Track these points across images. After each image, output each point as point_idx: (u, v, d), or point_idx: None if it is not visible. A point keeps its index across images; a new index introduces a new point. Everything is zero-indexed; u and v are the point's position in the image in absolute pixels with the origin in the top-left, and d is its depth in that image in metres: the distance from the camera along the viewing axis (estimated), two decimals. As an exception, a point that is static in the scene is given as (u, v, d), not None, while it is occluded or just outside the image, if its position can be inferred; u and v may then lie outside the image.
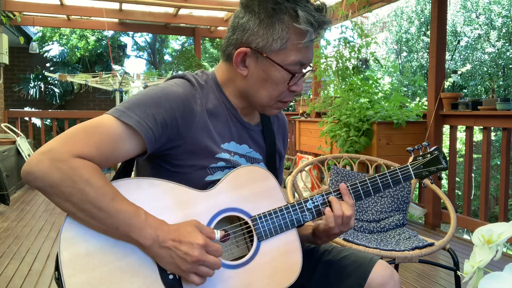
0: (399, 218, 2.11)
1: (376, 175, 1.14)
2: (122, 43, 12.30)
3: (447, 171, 3.80)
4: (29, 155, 5.41)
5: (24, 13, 6.43)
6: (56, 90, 9.83)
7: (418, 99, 11.41)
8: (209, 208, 0.99)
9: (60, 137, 0.89)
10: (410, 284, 2.49)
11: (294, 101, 6.90)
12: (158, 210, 0.94)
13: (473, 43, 13.59)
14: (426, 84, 4.31)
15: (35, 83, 9.68)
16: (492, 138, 8.96)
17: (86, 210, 0.86)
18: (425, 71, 13.46)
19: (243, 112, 1.13)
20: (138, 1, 5.70)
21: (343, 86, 4.22)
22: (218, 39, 12.88)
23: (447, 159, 1.22)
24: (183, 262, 0.88)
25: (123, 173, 1.08)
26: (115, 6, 6.27)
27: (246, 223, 1.03)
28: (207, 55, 16.21)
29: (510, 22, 13.08)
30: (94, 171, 0.88)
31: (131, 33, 15.65)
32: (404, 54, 15.00)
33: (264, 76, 1.03)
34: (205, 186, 1.03)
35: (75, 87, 9.81)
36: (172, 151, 1.01)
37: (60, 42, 10.16)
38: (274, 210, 1.04)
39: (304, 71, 1.06)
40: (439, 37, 3.55)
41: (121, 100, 7.40)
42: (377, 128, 3.55)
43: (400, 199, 2.16)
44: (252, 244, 1.02)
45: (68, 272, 0.87)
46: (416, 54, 14.59)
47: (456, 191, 4.96)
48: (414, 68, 14.11)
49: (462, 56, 13.77)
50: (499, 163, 9.45)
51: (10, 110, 6.59)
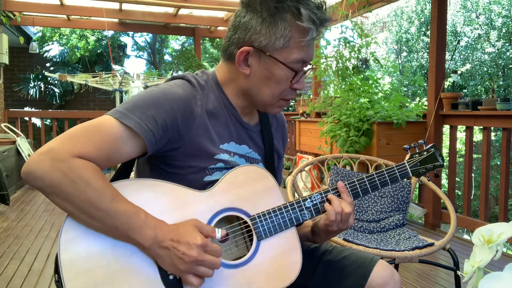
0: (399, 218, 2.11)
1: (373, 172, 1.15)
2: (122, 43, 12.30)
3: (447, 170, 3.80)
4: (29, 155, 5.41)
5: (24, 13, 6.43)
6: (56, 90, 9.83)
7: (418, 99, 11.41)
8: (208, 208, 0.99)
9: (60, 137, 0.90)
10: (410, 284, 2.49)
11: (294, 101, 6.90)
12: (158, 211, 0.94)
13: (473, 43, 13.59)
14: (426, 84, 4.31)
15: (35, 83, 9.68)
16: (492, 138, 8.96)
17: (86, 210, 0.86)
18: (425, 71, 13.46)
19: (243, 112, 1.13)
20: (138, 1, 5.70)
21: (343, 86, 4.22)
22: (218, 39, 12.88)
23: (443, 156, 1.23)
24: (181, 262, 0.88)
25: (122, 173, 1.08)
26: (115, 6, 6.27)
27: (245, 222, 1.03)
28: (207, 55, 16.21)
29: (510, 22, 13.08)
30: (94, 171, 0.88)
31: (131, 33, 15.65)
32: (404, 54, 15.00)
33: (267, 75, 1.04)
34: (203, 186, 1.03)
35: (75, 87, 9.81)
36: (172, 153, 1.01)
37: (60, 42, 10.17)
38: (273, 209, 1.04)
39: (305, 68, 1.06)
40: (439, 37, 3.55)
41: (121, 100, 7.41)
42: (377, 128, 3.55)
43: (400, 199, 2.16)
44: (251, 244, 1.02)
45: (68, 274, 0.86)
46: (416, 54, 14.59)
47: (456, 191, 4.96)
48: (414, 68, 14.11)
49: (462, 56, 13.77)
50: (499, 163, 9.45)
51: (10, 110, 6.59)
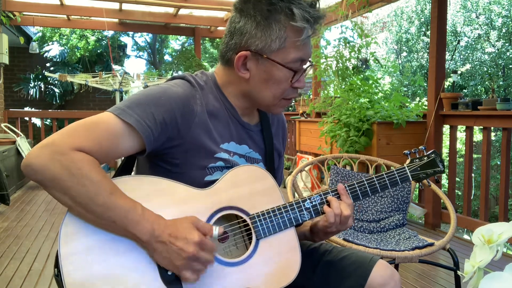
0: (399, 218, 2.11)
1: (373, 175, 1.16)
2: (122, 43, 12.30)
3: (447, 171, 3.80)
4: (29, 155, 5.40)
5: (24, 13, 6.43)
6: (56, 90, 9.83)
7: (418, 99, 11.41)
8: (207, 206, 1.00)
9: (61, 132, 0.91)
10: (410, 284, 2.49)
11: (294, 101, 6.90)
12: (157, 207, 0.94)
13: (473, 43, 13.59)
14: (426, 84, 4.31)
15: (35, 83, 9.68)
16: (492, 138, 8.96)
17: (84, 203, 0.87)
18: (425, 71, 13.46)
19: (243, 112, 1.13)
20: (138, 1, 5.70)
21: (343, 86, 4.22)
22: (218, 39, 12.88)
23: (444, 162, 1.23)
24: (177, 258, 0.88)
25: (123, 172, 1.09)
26: (115, 6, 6.27)
27: (244, 221, 1.03)
28: (207, 55, 16.21)
29: (510, 22, 13.08)
30: (94, 165, 0.88)
31: (131, 33, 15.65)
32: (404, 54, 15.00)
33: (266, 77, 1.04)
34: (204, 186, 1.03)
35: (75, 87, 9.81)
36: (171, 150, 1.02)
37: (60, 42, 10.17)
38: (273, 209, 1.05)
39: (304, 66, 1.07)
40: (439, 37, 3.55)
41: (121, 100, 7.40)
42: (377, 128, 3.55)
43: (400, 199, 2.16)
44: (250, 243, 1.02)
45: (68, 268, 0.87)
46: (416, 54, 14.59)
47: (456, 191, 4.96)
48: (414, 68, 14.11)
49: (462, 56, 13.77)
50: (499, 163, 9.45)
51: (10, 110, 6.60)
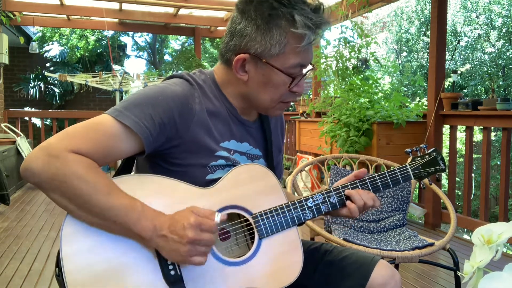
0: (399, 218, 2.11)
1: (375, 174, 1.15)
2: (122, 43, 12.30)
3: (447, 171, 3.80)
4: (29, 155, 5.40)
5: (24, 13, 6.43)
6: (56, 90, 9.83)
7: (418, 99, 11.40)
8: (210, 205, 1.00)
9: (58, 134, 0.91)
10: (410, 284, 2.49)
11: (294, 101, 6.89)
12: (159, 207, 0.94)
13: (473, 43, 13.59)
14: (426, 84, 4.31)
15: (35, 83, 9.68)
16: (492, 138, 8.96)
17: (82, 205, 0.87)
18: (425, 71, 13.46)
19: (242, 111, 1.13)
20: (138, 1, 5.70)
21: (343, 86, 4.22)
22: (218, 39, 12.88)
23: (445, 161, 1.23)
24: (180, 246, 0.88)
25: (123, 171, 1.09)
26: (115, 6, 6.27)
27: (247, 220, 1.03)
28: (207, 55, 16.21)
29: (510, 22, 13.07)
30: (90, 166, 0.88)
31: (131, 33, 15.65)
32: (404, 54, 15.00)
33: (264, 81, 1.04)
34: (206, 184, 1.03)
35: (75, 87, 9.81)
36: (171, 150, 1.01)
37: (60, 42, 10.16)
38: (275, 208, 1.05)
39: (304, 71, 1.06)
40: (439, 37, 3.55)
41: (121, 100, 7.40)
42: (377, 128, 3.55)
43: (400, 199, 2.16)
44: (252, 242, 1.02)
45: (69, 268, 0.87)
46: (416, 54, 14.59)
47: (456, 191, 4.96)
48: (414, 68, 14.11)
49: (462, 56, 13.77)
50: (499, 163, 9.45)
51: (10, 110, 6.59)
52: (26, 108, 9.50)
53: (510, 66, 12.79)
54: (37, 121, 8.56)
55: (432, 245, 1.78)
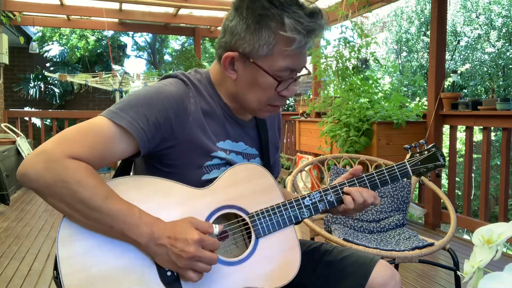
0: (399, 218, 2.11)
1: (373, 171, 1.15)
2: (122, 43, 12.31)
3: (447, 170, 3.80)
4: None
5: (24, 13, 6.42)
6: (56, 90, 9.83)
7: (418, 99, 11.41)
8: (206, 205, 1.00)
9: (54, 138, 0.91)
10: (410, 284, 2.49)
11: (294, 101, 6.90)
12: (156, 208, 0.94)
13: (473, 43, 13.59)
14: (426, 84, 4.31)
15: (35, 83, 9.68)
16: (492, 138, 8.96)
17: (80, 210, 0.87)
18: (425, 71, 13.46)
19: (237, 111, 1.13)
20: (138, 1, 5.70)
21: (343, 86, 4.22)
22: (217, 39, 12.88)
23: (445, 156, 1.22)
24: (179, 259, 0.88)
25: (122, 173, 1.09)
26: (115, 6, 6.27)
27: (244, 220, 1.03)
28: (207, 55, 16.21)
29: (510, 22, 13.07)
30: (87, 172, 0.88)
31: (131, 33, 15.65)
32: (404, 54, 15.00)
33: (252, 81, 1.03)
34: (202, 185, 1.03)
35: (75, 87, 9.81)
36: (167, 151, 1.01)
37: (60, 42, 10.17)
38: (272, 207, 1.05)
39: (298, 74, 1.05)
40: (439, 37, 3.55)
41: (121, 100, 7.38)
42: (377, 128, 3.55)
43: (400, 199, 2.16)
44: (250, 242, 1.02)
45: (66, 270, 0.87)
46: (416, 54, 14.59)
47: (456, 191, 4.96)
48: (414, 68, 14.11)
49: (462, 56, 13.76)
50: (499, 163, 9.45)
51: (10, 110, 6.59)
52: (26, 108, 9.51)
53: (510, 66, 12.79)
54: (37, 121, 8.57)
55: (432, 245, 1.78)
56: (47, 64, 9.94)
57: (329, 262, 1.17)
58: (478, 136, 8.68)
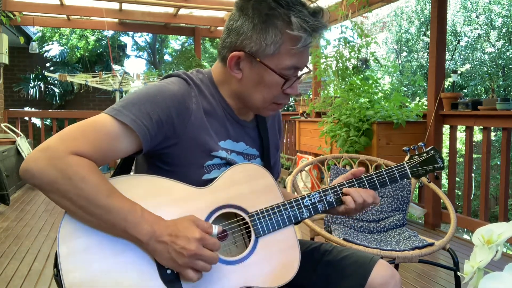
0: (399, 218, 2.11)
1: (372, 173, 1.15)
2: (122, 43, 12.31)
3: (447, 170, 3.80)
4: (29, 155, 5.40)
5: (24, 13, 6.43)
6: (56, 90, 9.83)
7: (418, 99, 11.40)
8: (206, 204, 1.00)
9: (58, 135, 0.91)
10: (410, 284, 2.49)
11: (294, 101, 6.90)
12: (156, 207, 0.95)
13: (473, 43, 13.59)
14: (426, 84, 4.31)
15: (35, 83, 9.68)
16: (492, 138, 8.96)
17: (83, 207, 0.87)
18: (425, 71, 13.46)
19: (238, 111, 1.13)
20: (138, 1, 5.70)
21: (343, 86, 4.22)
22: (218, 39, 12.89)
23: (443, 158, 1.23)
24: (180, 257, 0.88)
25: (121, 171, 1.09)
26: (115, 6, 6.27)
27: (244, 219, 1.03)
28: (207, 55, 16.21)
29: (510, 22, 13.08)
30: (90, 168, 0.89)
31: (131, 33, 15.65)
32: (404, 54, 15.00)
33: (258, 80, 1.04)
34: (202, 184, 1.03)
35: (75, 87, 9.81)
36: (168, 150, 1.02)
37: (60, 42, 10.17)
38: (272, 207, 1.05)
39: (300, 73, 1.06)
40: (439, 37, 3.55)
41: (121, 100, 7.38)
42: (377, 128, 3.55)
43: (400, 199, 2.16)
44: (249, 241, 1.02)
45: (67, 267, 0.87)
46: (416, 54, 14.59)
47: (456, 191, 4.96)
48: (414, 68, 14.12)
49: (462, 56, 13.77)
50: (499, 163, 9.44)
51: (10, 110, 6.59)
52: (26, 108, 9.51)
53: (510, 66, 12.79)
54: (37, 121, 8.57)
55: (432, 245, 1.78)
56: (47, 64, 9.94)
57: (329, 262, 1.17)
58: (478, 136, 8.67)
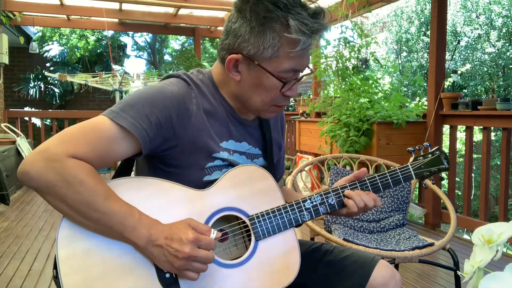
0: (399, 218, 2.11)
1: (375, 174, 1.14)
2: (122, 43, 12.30)
3: (447, 171, 3.80)
4: (29, 155, 5.40)
5: (24, 13, 6.42)
6: (56, 90, 9.83)
7: (418, 99, 11.40)
8: (206, 207, 0.99)
9: (55, 137, 0.90)
10: (410, 284, 2.49)
11: (294, 101, 6.90)
12: (155, 209, 0.94)
13: (473, 43, 13.59)
14: (426, 84, 4.31)
15: (35, 83, 9.68)
16: (492, 138, 8.95)
17: (80, 210, 0.87)
18: (425, 71, 13.46)
19: (240, 111, 1.12)
20: (138, 1, 5.70)
21: (343, 86, 4.22)
22: (218, 39, 12.88)
23: (449, 160, 1.21)
24: (175, 259, 0.88)
25: (122, 172, 1.08)
26: (115, 6, 6.27)
27: (244, 222, 1.03)
28: (207, 55, 16.21)
29: (510, 22, 13.07)
30: (88, 171, 0.88)
31: (131, 33, 15.65)
32: (404, 54, 15.00)
33: (256, 83, 1.02)
34: (203, 186, 1.03)
35: (75, 87, 9.81)
36: (169, 151, 1.01)
37: (60, 42, 10.17)
38: (272, 209, 1.04)
39: (300, 75, 1.05)
40: (439, 37, 3.55)
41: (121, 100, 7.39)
42: (377, 128, 3.55)
43: (400, 199, 2.16)
44: (250, 244, 1.02)
45: (65, 270, 0.87)
46: (416, 54, 14.59)
47: (456, 191, 4.96)
48: (414, 68, 14.11)
49: (462, 56, 13.76)
50: (499, 163, 9.44)
51: (10, 110, 6.59)
52: (26, 108, 9.50)
53: (510, 66, 12.79)
54: (37, 121, 8.56)
55: (432, 245, 1.78)
56: (47, 64, 9.93)
57: (329, 262, 1.16)
58: (478, 136, 8.67)
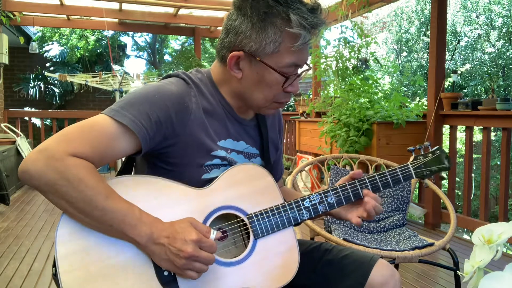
0: (399, 218, 2.11)
1: (375, 174, 1.13)
2: (122, 43, 12.31)
3: (447, 171, 3.80)
4: (29, 155, 5.40)
5: (24, 13, 6.43)
6: (56, 90, 9.83)
7: (418, 99, 11.40)
8: (205, 205, 1.00)
9: (56, 136, 0.91)
10: (410, 284, 2.49)
11: (294, 101, 6.90)
12: (154, 208, 0.94)
13: (473, 43, 13.58)
14: (426, 84, 4.32)
15: (35, 83, 9.68)
16: (492, 138, 8.96)
17: (81, 208, 0.87)
18: (425, 71, 13.46)
19: (239, 110, 1.13)
20: (138, 1, 5.70)
21: (343, 86, 4.22)
22: (217, 39, 12.86)
23: (450, 159, 1.20)
24: (177, 258, 0.88)
25: (124, 172, 1.09)
26: (115, 6, 6.27)
27: (243, 221, 1.03)
28: (207, 55, 16.21)
29: (510, 22, 13.07)
30: (89, 170, 0.88)
31: (131, 33, 15.64)
32: (404, 54, 14.99)
33: (258, 79, 1.03)
34: (202, 184, 1.03)
35: (75, 87, 9.81)
36: (167, 150, 1.01)
37: (60, 42, 10.17)
38: (271, 208, 1.04)
39: (300, 71, 1.06)
40: (439, 37, 3.55)
41: (121, 100, 7.38)
42: (377, 128, 3.55)
43: (400, 199, 2.16)
44: (249, 242, 1.02)
45: (64, 267, 0.87)
46: (416, 54, 14.58)
47: (456, 191, 4.96)
48: (414, 68, 14.11)
49: (462, 56, 13.76)
50: (499, 163, 9.45)
51: (10, 110, 6.59)
52: (26, 108, 9.51)
53: (510, 66, 12.79)
54: (37, 121, 8.57)
55: (432, 245, 1.78)
56: (47, 64, 9.94)
57: (329, 261, 1.17)
58: (478, 136, 8.67)
